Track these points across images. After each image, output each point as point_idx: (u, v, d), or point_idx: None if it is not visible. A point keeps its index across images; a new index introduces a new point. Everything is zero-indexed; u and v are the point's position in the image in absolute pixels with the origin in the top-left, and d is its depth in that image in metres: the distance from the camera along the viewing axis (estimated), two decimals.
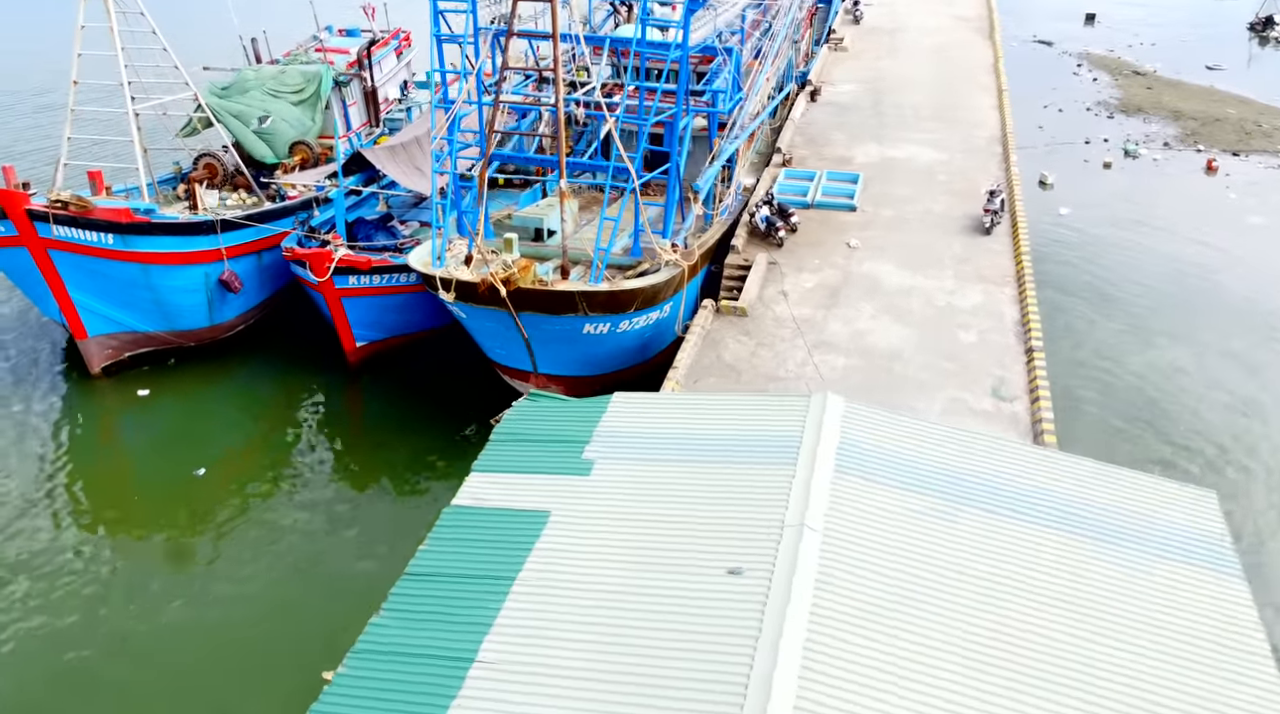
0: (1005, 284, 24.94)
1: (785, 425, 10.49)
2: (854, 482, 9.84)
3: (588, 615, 8.39)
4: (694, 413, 11.08)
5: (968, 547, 9.35)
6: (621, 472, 10.11)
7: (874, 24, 51.78)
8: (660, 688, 7.57)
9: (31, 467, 23.26)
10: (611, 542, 9.18)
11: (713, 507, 9.47)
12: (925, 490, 10.00)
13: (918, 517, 9.59)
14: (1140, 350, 27.63)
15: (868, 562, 8.86)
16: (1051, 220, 35.65)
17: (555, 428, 10.94)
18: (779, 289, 24.84)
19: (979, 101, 38.89)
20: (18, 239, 24.07)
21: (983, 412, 19.94)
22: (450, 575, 9.07)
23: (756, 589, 8.32)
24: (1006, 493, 10.08)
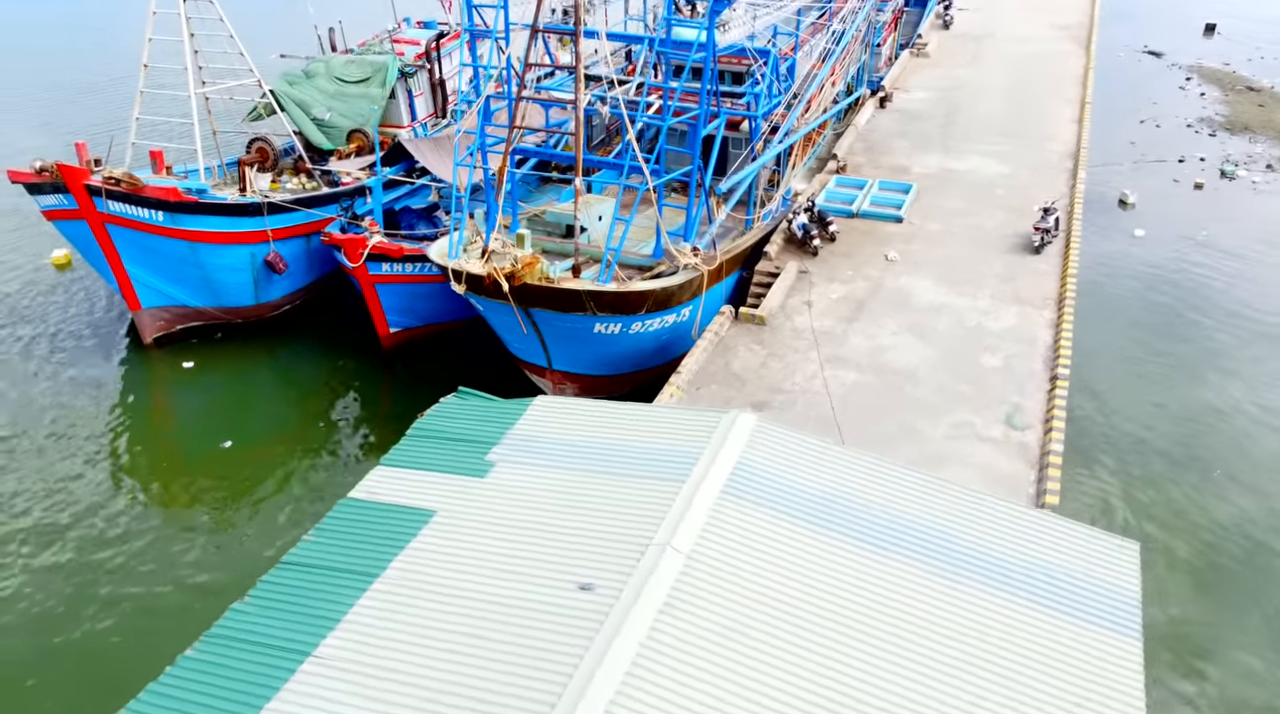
0: (1044, 307, 23.79)
1: (690, 442, 10.20)
2: (738, 505, 9.50)
3: (432, 619, 8.36)
4: (609, 422, 10.90)
5: (838, 583, 8.90)
6: (516, 476, 10.02)
7: (964, 30, 50.09)
8: (474, 699, 7.47)
9: (75, 424, 24.51)
10: (480, 546, 9.11)
11: (590, 518, 9.29)
12: (812, 520, 9.56)
13: (795, 547, 9.18)
14: (1189, 386, 25.99)
15: (724, 589, 8.53)
16: (1124, 242, 33.90)
17: (470, 427, 10.94)
18: (804, 299, 24.29)
19: (1058, 114, 37.18)
20: (79, 213, 25.42)
21: (990, 438, 19.09)
22: (319, 567, 9.18)
23: (600, 607, 8.12)
24: (900, 530, 9.55)
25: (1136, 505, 21.82)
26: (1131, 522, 21.21)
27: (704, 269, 23.08)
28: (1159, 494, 22.17)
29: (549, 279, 21.05)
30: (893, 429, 19.39)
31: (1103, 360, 27.02)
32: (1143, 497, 22.12)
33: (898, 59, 44.68)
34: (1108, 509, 21.67)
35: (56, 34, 62.13)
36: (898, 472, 10.54)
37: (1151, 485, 22.45)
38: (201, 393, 26.80)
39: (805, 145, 32.97)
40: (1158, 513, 21.65)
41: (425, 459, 10.45)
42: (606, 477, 9.89)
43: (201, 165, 27.50)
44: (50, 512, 21.58)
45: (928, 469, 17.97)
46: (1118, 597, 9.04)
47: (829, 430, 19.31)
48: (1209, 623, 19.06)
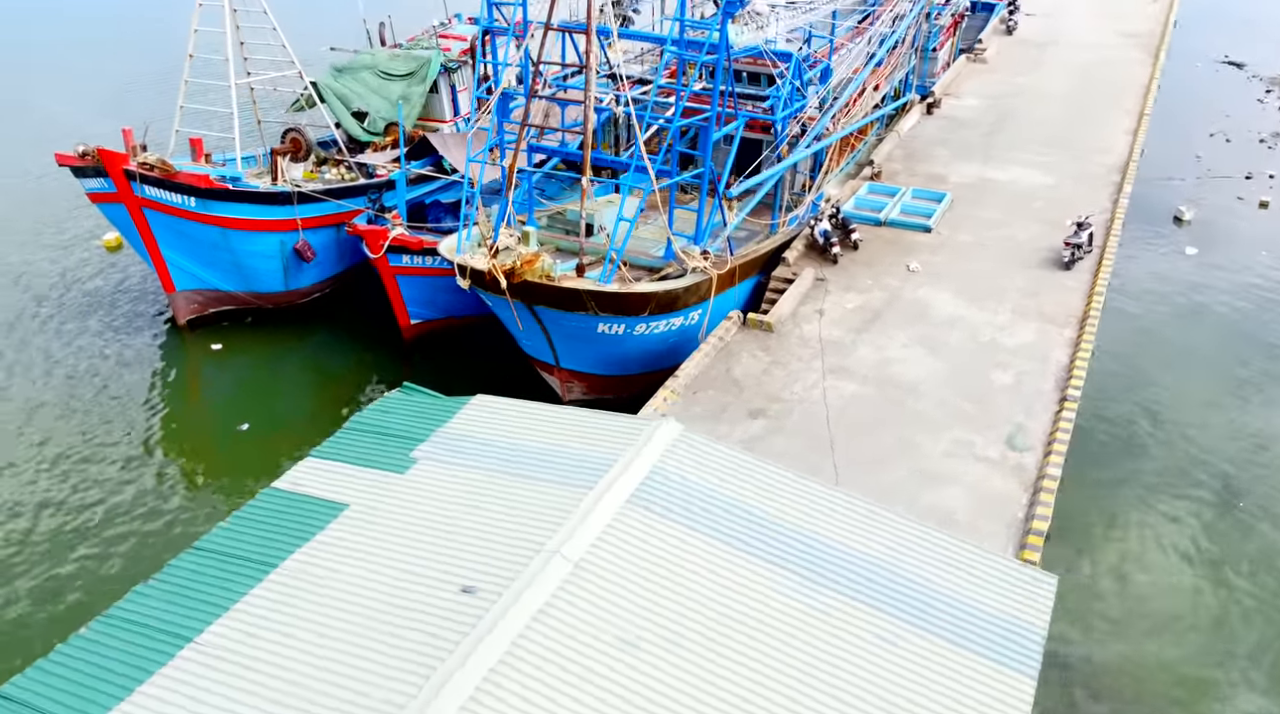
0: (1065, 325, 22.99)
1: (611, 448, 10.07)
2: (642, 514, 9.35)
3: (313, 612, 8.43)
4: (538, 425, 10.84)
5: (726, 600, 8.69)
6: (433, 474, 10.05)
7: (1027, 36, 48.71)
8: (330, 695, 7.50)
9: (101, 400, 25.40)
10: (379, 543, 9.16)
11: (491, 521, 9.25)
12: (716, 534, 9.35)
13: (691, 560, 8.99)
14: (1221, 413, 24.81)
15: (607, 598, 8.40)
16: (1173, 259, 32.59)
17: (404, 423, 11.01)
18: (817, 307, 23.90)
19: (1113, 125, 35.88)
20: (117, 196, 26.35)
21: (986, 458, 18.52)
22: (225, 555, 9.34)
23: (476, 611, 8.08)
24: (805, 550, 9.27)
25: (1137, 532, 20.94)
26: (1129, 549, 20.42)
27: (713, 273, 22.88)
28: (1170, 522, 21.24)
29: (550, 277, 21.09)
30: (888, 443, 18.96)
31: (1131, 382, 26.04)
32: (1149, 522, 21.23)
33: (954, 64, 43.68)
34: (1105, 536, 20.85)
35: (122, 25, 64.38)
36: (817, 490, 10.26)
37: (1163, 513, 21.51)
38: (226, 375, 27.57)
39: (843, 150, 32.45)
40: (1165, 542, 20.76)
41: (353, 453, 10.57)
42: (519, 480, 9.86)
43: (239, 154, 28.18)
44: (57, 481, 22.41)
45: (916, 486, 17.65)
46: (1022, 632, 8.64)
47: (821, 442, 18.99)
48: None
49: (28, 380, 26.24)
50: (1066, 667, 18.00)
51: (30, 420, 24.53)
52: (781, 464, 10.60)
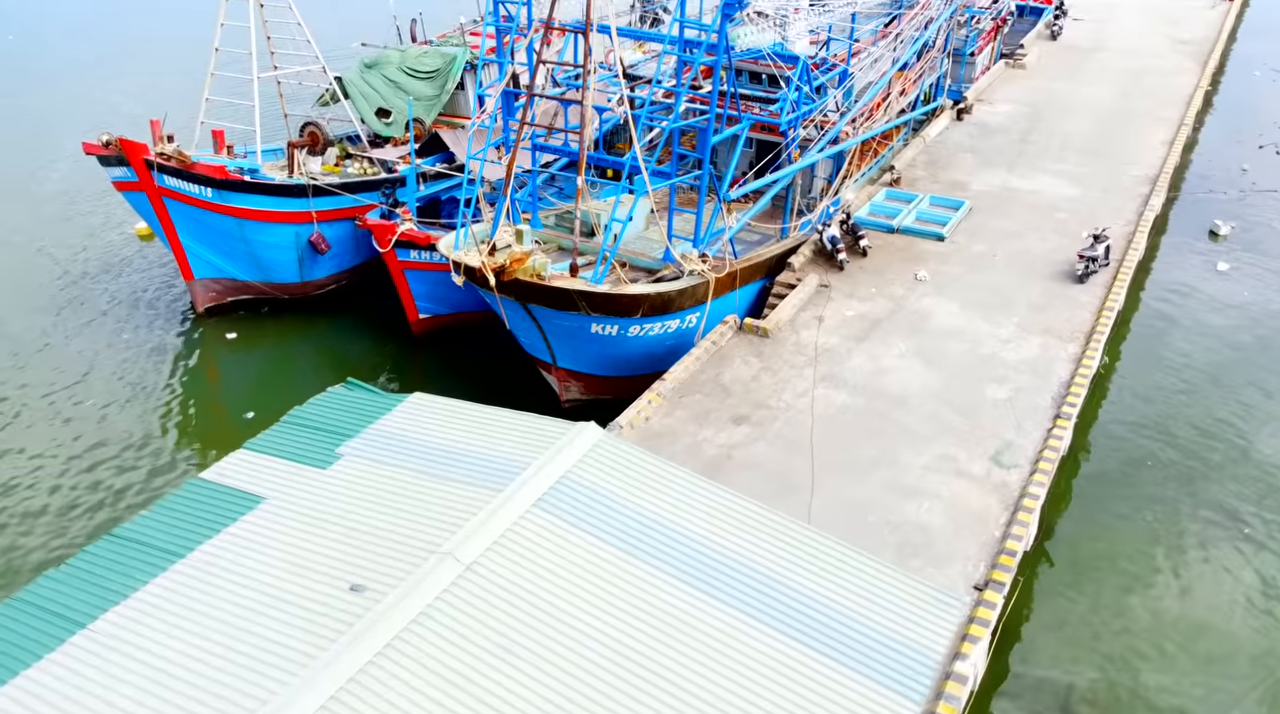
0: (1071, 341, 22.40)
1: (530, 451, 10.03)
2: (545, 519, 9.27)
3: (206, 604, 8.53)
4: (465, 424, 10.83)
5: (617, 611, 8.57)
6: (353, 471, 10.10)
7: (1072, 41, 47.56)
8: (200, 689, 7.58)
9: (114, 384, 26.07)
10: (285, 537, 9.23)
11: (397, 519, 9.27)
12: (619, 542, 9.23)
13: (588, 567, 8.90)
14: (1231, 437, 23.87)
15: (491, 604, 8.34)
16: (1203, 275, 31.47)
17: (338, 419, 11.09)
18: (817, 314, 23.61)
19: (1148, 136, 34.87)
20: (138, 184, 27.04)
21: (968, 474, 18.11)
22: (139, 543, 9.49)
23: (357, 611, 8.10)
24: (710, 563, 9.10)
25: (1143, 560, 20.26)
26: (1103, 578, 19.76)
27: (710, 277, 22.71)
28: (1176, 549, 20.52)
29: (541, 277, 21.12)
30: (869, 455, 18.66)
31: (1142, 400, 25.25)
32: (1153, 549, 20.52)
33: (992, 69, 42.83)
34: (1109, 562, 20.21)
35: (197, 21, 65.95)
36: (731, 502, 10.08)
37: (1170, 538, 20.79)
38: (238, 364, 28.09)
39: (865, 155, 32.00)
40: (1168, 569, 20.06)
41: (284, 446, 10.69)
42: (434, 479, 9.87)
43: (259, 146, 28.74)
44: (62, 462, 23.06)
45: (892, 499, 17.34)
46: (917, 655, 8.38)
47: (802, 451, 18.76)
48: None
49: (46, 361, 27.04)
50: (1057, 693, 17.52)
51: (42, 400, 25.27)
52: (699, 476, 10.46)
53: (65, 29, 61.41)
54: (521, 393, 25.55)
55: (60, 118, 45.93)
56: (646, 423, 19.60)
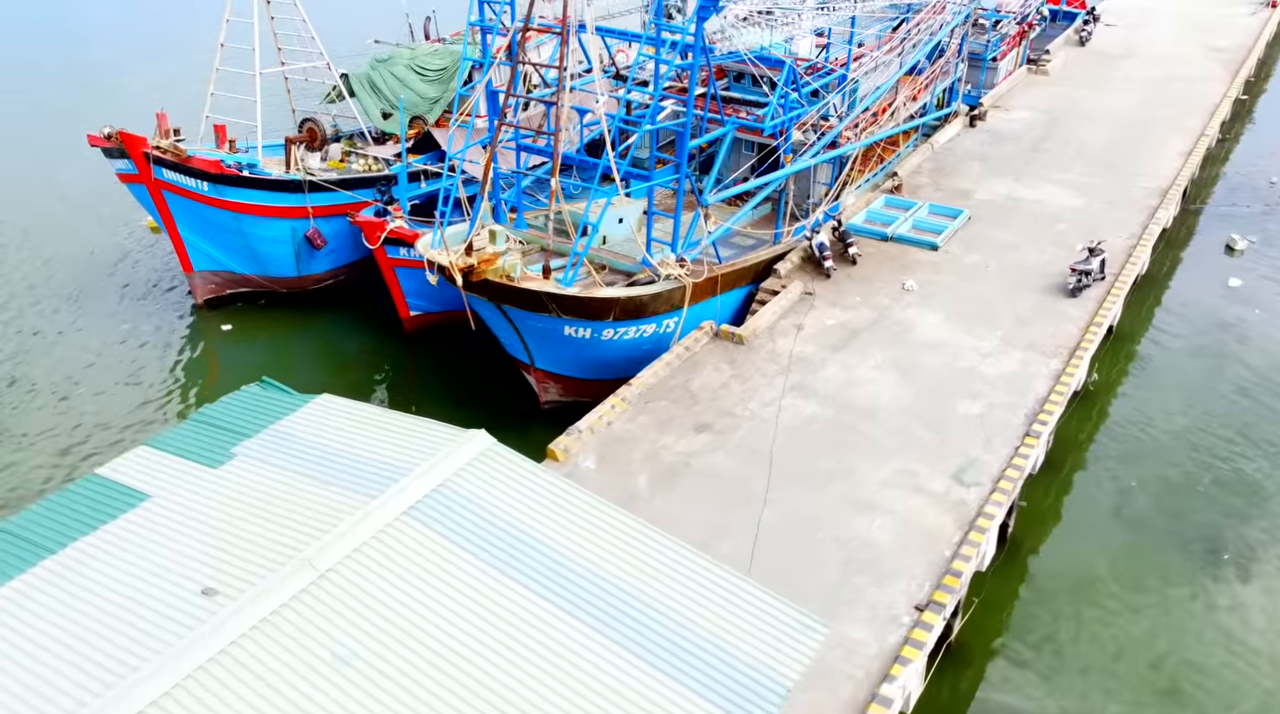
0: (1054, 356, 21.86)
1: (417, 457, 9.97)
2: (413, 528, 9.19)
3: (61, 603, 8.55)
4: (362, 428, 10.77)
5: (467, 625, 8.45)
6: (242, 472, 10.12)
7: (1101, 48, 46.45)
8: (27, 687, 7.58)
9: (104, 371, 26.52)
10: (156, 537, 9.24)
11: (267, 524, 9.25)
12: (485, 554, 9.10)
13: (446, 580, 8.80)
14: (1223, 458, 23.12)
15: (337, 612, 8.28)
16: (1214, 290, 30.56)
17: (242, 418, 11.12)
18: (797, 322, 23.31)
19: (1165, 147, 33.94)
20: (139, 177, 27.52)
21: (927, 491, 17.75)
22: (19, 537, 9.57)
23: (201, 614, 8.09)
24: (573, 578, 8.90)
25: (1100, 582, 19.65)
26: (1071, 604, 19.22)
27: (687, 282, 22.54)
28: (1140, 575, 19.90)
29: (510, 277, 21.10)
30: (829, 467, 18.38)
31: (1132, 419, 24.60)
32: (1113, 574, 19.87)
33: (1013, 75, 41.98)
34: (1061, 586, 19.65)
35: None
36: (610, 517, 9.91)
37: (1132, 564, 20.17)
38: (231, 355, 28.47)
39: (870, 161, 31.55)
40: (1128, 594, 19.47)
41: (182, 444, 10.75)
42: (315, 483, 9.86)
43: (260, 141, 29.10)
44: (42, 442, 23.49)
45: (846, 514, 17.05)
46: (768, 681, 8.16)
47: (761, 461, 18.53)
48: None
49: (46, 346, 27.62)
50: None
51: (40, 384, 25.82)
52: (582, 488, 10.33)
53: (104, 28, 62.80)
54: (506, 393, 25.59)
55: (90, 113, 46.98)
56: (609, 428, 19.51)
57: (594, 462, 18.43)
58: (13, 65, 53.35)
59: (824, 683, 13.86)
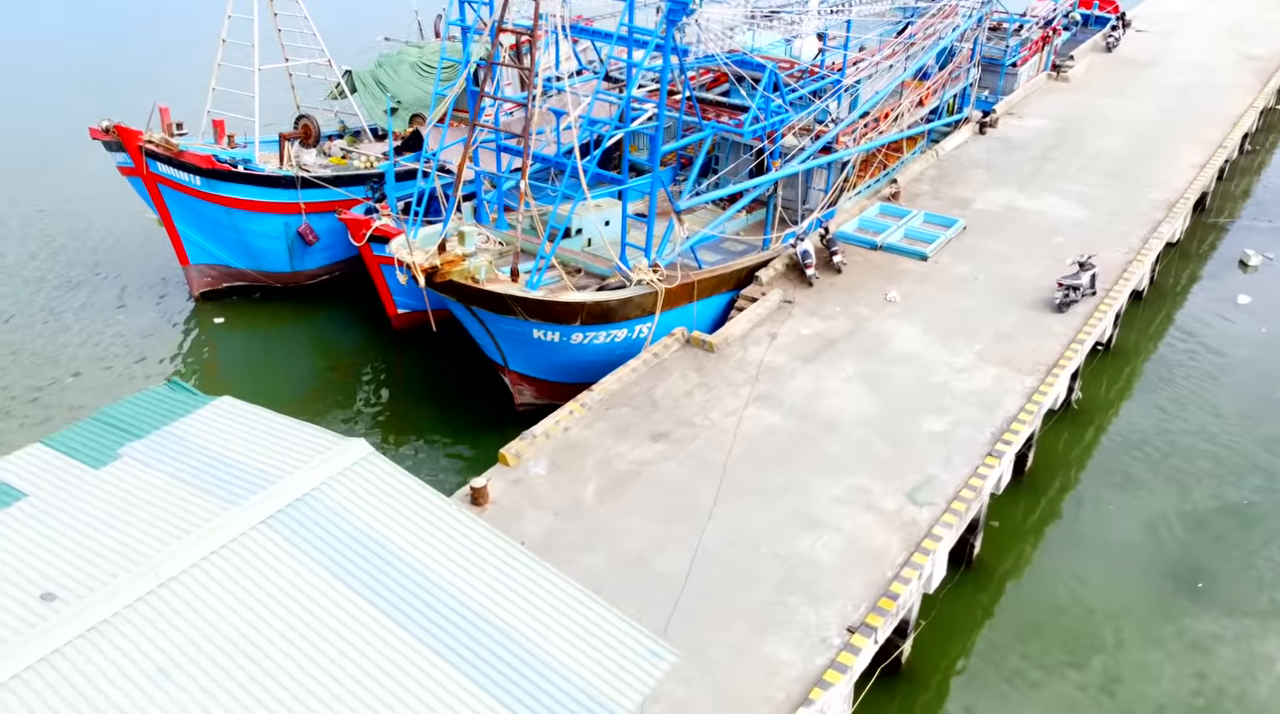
0: (1030, 373, 21.28)
1: (289, 463, 9.87)
2: (270, 539, 9.08)
3: None
4: (249, 432, 10.66)
5: (306, 640, 8.30)
6: (119, 473, 10.09)
7: (1128, 54, 45.26)
8: None
9: (94, 361, 26.93)
10: (15, 538, 9.23)
11: (130, 526, 9.18)
12: (334, 569, 8.94)
13: (293, 592, 8.67)
14: (1210, 487, 22.36)
15: (168, 622, 8.18)
16: (1221, 306, 29.64)
17: (139, 418, 11.11)
18: (772, 330, 22.96)
19: (1179, 158, 32.93)
20: (135, 170, 27.94)
21: (878, 509, 17.34)
22: None
23: (32, 620, 8.06)
24: (424, 597, 8.68)
25: (1063, 614, 19.08)
26: (1031, 634, 18.68)
27: (659, 287, 22.32)
28: (1105, 610, 19.29)
29: (475, 279, 21.05)
30: (781, 482, 18.06)
31: (1123, 442, 23.94)
32: (1077, 607, 19.27)
33: (1032, 81, 41.05)
34: (1023, 615, 19.11)
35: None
36: (477, 536, 9.71)
37: (1101, 596, 19.56)
38: (221, 348, 28.80)
39: (872, 167, 31.04)
40: (1089, 631, 18.89)
41: (74, 443, 10.77)
42: (186, 487, 9.81)
43: (258, 137, 29.37)
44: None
45: (792, 529, 16.71)
46: (602, 710, 7.93)
47: (714, 472, 18.26)
48: None
49: (31, 330, 28.10)
50: None
51: (27, 372, 26.32)
52: (448, 500, 10.16)
53: (136, 26, 64.01)
54: (489, 394, 25.52)
55: (109, 110, 47.86)
56: (565, 433, 19.37)
57: (545, 468, 18.30)
58: (57, 62, 54.65)
59: (740, 705, 13.62)
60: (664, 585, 15.72)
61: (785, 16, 27.99)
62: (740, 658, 14.44)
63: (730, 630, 14.90)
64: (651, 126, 21.85)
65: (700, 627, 14.93)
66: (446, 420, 25.32)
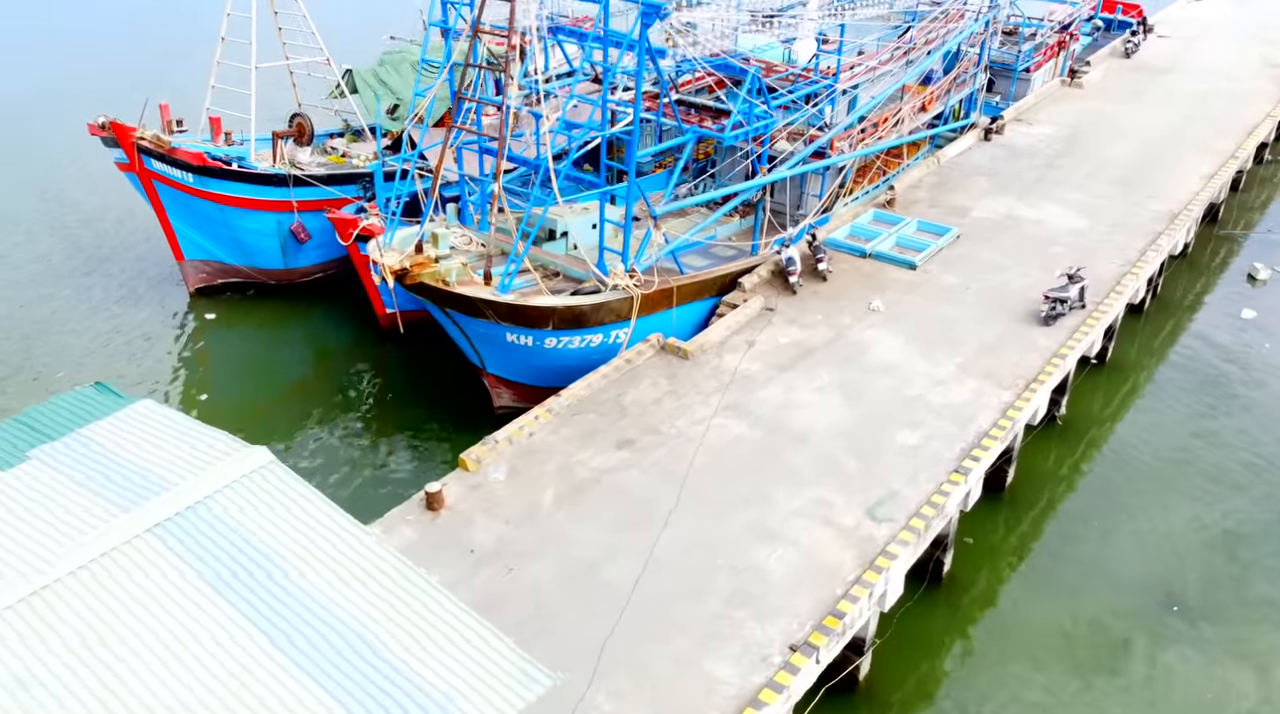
0: (1009, 387, 20.82)
1: (187, 470, 9.78)
2: (153, 547, 8.97)
3: None
4: (161, 438, 10.56)
5: (171, 653, 8.16)
6: (25, 476, 10.01)
7: (1148, 60, 44.30)
8: None
9: (83, 354, 27.18)
10: None
11: (23, 534, 9.11)
12: (219, 583, 8.78)
13: (168, 604, 8.53)
14: (1194, 514, 21.76)
15: (36, 632, 8.07)
16: (1223, 321, 28.89)
17: (58, 420, 11.08)
18: (750, 338, 22.67)
19: (1189, 168, 32.13)
20: (130, 167, 28.20)
21: (836, 524, 17.02)
22: None
23: None
24: (302, 615, 8.52)
25: (1028, 639, 18.61)
26: (991, 660, 18.25)
27: (634, 293, 22.13)
28: (1073, 639, 18.81)
29: (445, 282, 20.97)
30: (743, 493, 17.79)
31: (1113, 454, 23.42)
32: (1044, 633, 18.80)
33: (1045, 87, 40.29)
34: (988, 636, 18.69)
35: None
36: (368, 552, 9.53)
37: (1070, 624, 19.07)
38: (211, 345, 28.96)
39: (871, 173, 30.63)
40: (1052, 662, 18.41)
41: None
42: (85, 492, 9.75)
43: (254, 134, 29.51)
44: None
45: (747, 542, 16.45)
46: None
47: (675, 481, 18.03)
48: None
49: (32, 326, 28.47)
50: None
51: (17, 363, 26.65)
52: (343, 514, 10.01)
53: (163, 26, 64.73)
54: (474, 396, 25.43)
55: (116, 107, 48.42)
56: (529, 438, 19.23)
57: (504, 473, 18.17)
58: (65, 60, 55.43)
59: None
60: (610, 596, 15.53)
61: (781, 19, 27.68)
62: (679, 673, 14.22)
63: (672, 644, 14.68)
64: (629, 130, 21.65)
65: (642, 639, 14.73)
66: (434, 421, 25.28)
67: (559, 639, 14.66)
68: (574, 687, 13.84)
